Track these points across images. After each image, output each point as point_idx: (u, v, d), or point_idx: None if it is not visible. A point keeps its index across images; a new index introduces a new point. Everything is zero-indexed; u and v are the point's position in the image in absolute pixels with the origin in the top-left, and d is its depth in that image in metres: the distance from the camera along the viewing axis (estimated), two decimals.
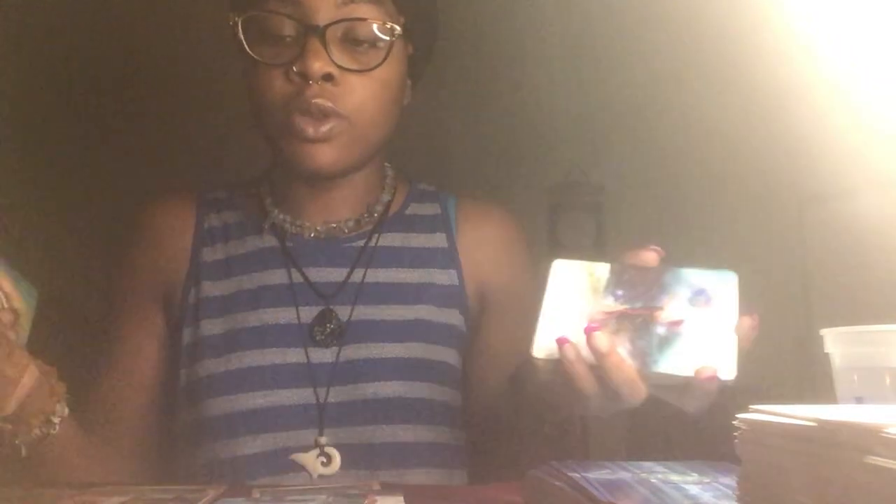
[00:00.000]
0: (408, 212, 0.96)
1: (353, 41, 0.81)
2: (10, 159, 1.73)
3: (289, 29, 0.81)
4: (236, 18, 0.82)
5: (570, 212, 2.46)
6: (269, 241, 0.92)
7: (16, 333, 0.71)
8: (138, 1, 1.89)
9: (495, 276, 0.95)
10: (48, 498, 0.66)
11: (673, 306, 0.67)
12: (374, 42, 0.82)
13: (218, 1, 0.92)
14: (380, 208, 0.94)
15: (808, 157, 1.65)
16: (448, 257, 0.94)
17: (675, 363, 0.64)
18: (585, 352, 0.64)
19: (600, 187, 2.45)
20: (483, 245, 0.95)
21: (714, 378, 0.62)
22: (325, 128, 0.81)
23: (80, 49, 1.90)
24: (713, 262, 2.19)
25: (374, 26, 0.81)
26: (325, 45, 0.79)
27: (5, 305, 0.72)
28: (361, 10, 0.81)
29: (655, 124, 2.20)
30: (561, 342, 0.64)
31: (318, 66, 0.79)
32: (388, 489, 0.69)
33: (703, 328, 0.65)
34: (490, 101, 2.33)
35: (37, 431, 0.74)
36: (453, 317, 0.92)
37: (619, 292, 0.68)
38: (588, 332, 0.64)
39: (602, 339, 0.63)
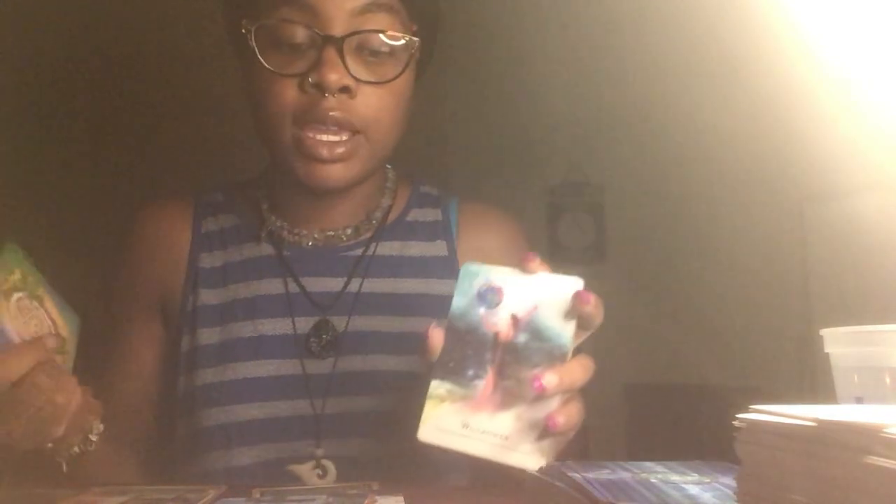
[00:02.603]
0: (408, 218, 0.93)
1: (368, 51, 0.79)
2: (8, 162, 1.73)
3: (301, 37, 0.77)
4: (249, 27, 0.79)
5: (570, 212, 2.47)
6: (266, 249, 0.90)
7: (62, 359, 0.72)
8: (137, 4, 1.89)
9: None
10: (48, 498, 0.66)
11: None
12: (389, 53, 0.79)
13: (216, 3, 0.91)
14: (379, 215, 0.91)
15: (808, 157, 1.66)
16: (448, 266, 0.91)
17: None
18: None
19: (600, 187, 2.45)
20: (484, 252, 0.91)
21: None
22: (340, 149, 0.79)
23: (79, 52, 1.90)
24: (712, 261, 2.17)
25: (391, 38, 0.79)
26: (341, 56, 0.77)
27: (52, 332, 0.72)
28: (378, 20, 0.78)
29: (655, 124, 2.20)
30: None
31: (335, 77, 0.76)
32: (388, 489, 0.69)
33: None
34: (490, 102, 2.34)
35: (76, 449, 0.74)
36: None
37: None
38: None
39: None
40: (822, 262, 2.05)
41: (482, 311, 0.65)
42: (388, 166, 0.94)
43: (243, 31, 0.79)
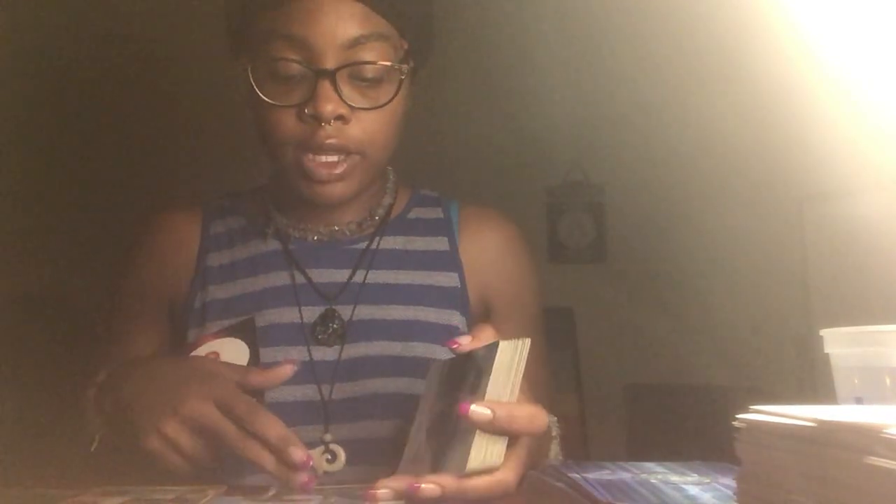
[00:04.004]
0: (410, 215, 0.97)
1: (361, 78, 0.83)
2: (18, 167, 1.73)
3: (296, 70, 0.82)
4: (246, 65, 0.84)
5: (570, 212, 2.46)
6: (273, 244, 0.93)
7: None
8: (144, 10, 1.90)
9: (498, 281, 0.96)
10: (48, 498, 0.66)
11: (464, 396, 0.66)
12: (381, 77, 0.84)
13: (220, 10, 0.93)
14: (381, 212, 0.95)
15: (808, 156, 1.66)
16: (450, 260, 0.94)
17: (448, 460, 0.65)
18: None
19: (600, 187, 2.45)
20: (486, 250, 0.96)
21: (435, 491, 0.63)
22: (338, 170, 0.83)
23: (89, 58, 1.91)
24: (712, 261, 2.16)
25: (383, 66, 0.83)
26: (335, 86, 0.81)
27: None
28: (369, 49, 0.82)
29: (655, 124, 2.20)
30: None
31: (331, 108, 0.81)
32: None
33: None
34: (490, 102, 2.34)
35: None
36: (454, 318, 0.92)
37: (444, 389, 0.71)
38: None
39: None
40: (822, 262, 2.05)
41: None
42: (389, 168, 0.96)
43: (248, 66, 0.83)
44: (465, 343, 0.71)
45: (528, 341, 0.66)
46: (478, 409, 0.63)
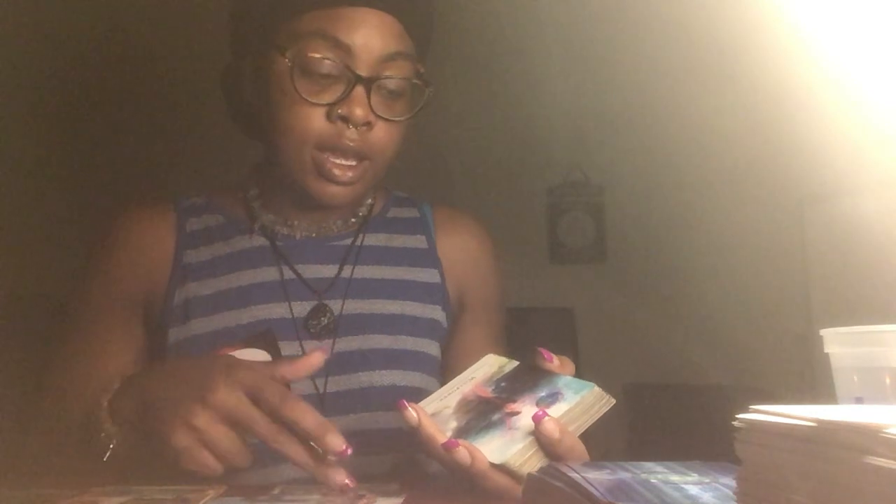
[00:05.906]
0: (389, 215, 1.00)
1: (387, 91, 0.87)
2: (18, 166, 1.73)
3: (334, 70, 0.84)
4: (293, 60, 0.85)
5: (570, 212, 2.47)
6: (258, 240, 0.94)
7: None
8: (129, 13, 1.90)
9: (474, 280, 1.00)
10: (48, 498, 0.66)
11: (525, 401, 0.70)
12: (402, 92, 0.87)
13: (204, 15, 0.93)
14: (364, 210, 0.98)
15: (808, 157, 1.66)
16: (429, 257, 0.98)
17: (484, 443, 0.68)
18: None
19: (600, 187, 2.46)
20: (461, 249, 1.00)
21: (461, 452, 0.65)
22: (350, 173, 0.86)
23: (85, 60, 1.91)
24: (712, 261, 2.17)
25: (409, 82, 0.87)
26: (368, 94, 0.84)
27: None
28: (399, 65, 0.86)
29: (655, 124, 2.20)
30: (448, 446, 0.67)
31: (362, 114, 0.84)
32: (388, 491, 0.69)
33: (527, 423, 0.68)
34: (490, 102, 2.34)
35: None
36: (436, 312, 0.95)
37: (502, 384, 0.74)
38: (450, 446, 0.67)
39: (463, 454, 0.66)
40: (822, 262, 2.05)
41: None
42: None
43: (287, 62, 0.84)
44: (556, 365, 0.74)
45: (613, 401, 0.72)
46: (551, 425, 0.66)
